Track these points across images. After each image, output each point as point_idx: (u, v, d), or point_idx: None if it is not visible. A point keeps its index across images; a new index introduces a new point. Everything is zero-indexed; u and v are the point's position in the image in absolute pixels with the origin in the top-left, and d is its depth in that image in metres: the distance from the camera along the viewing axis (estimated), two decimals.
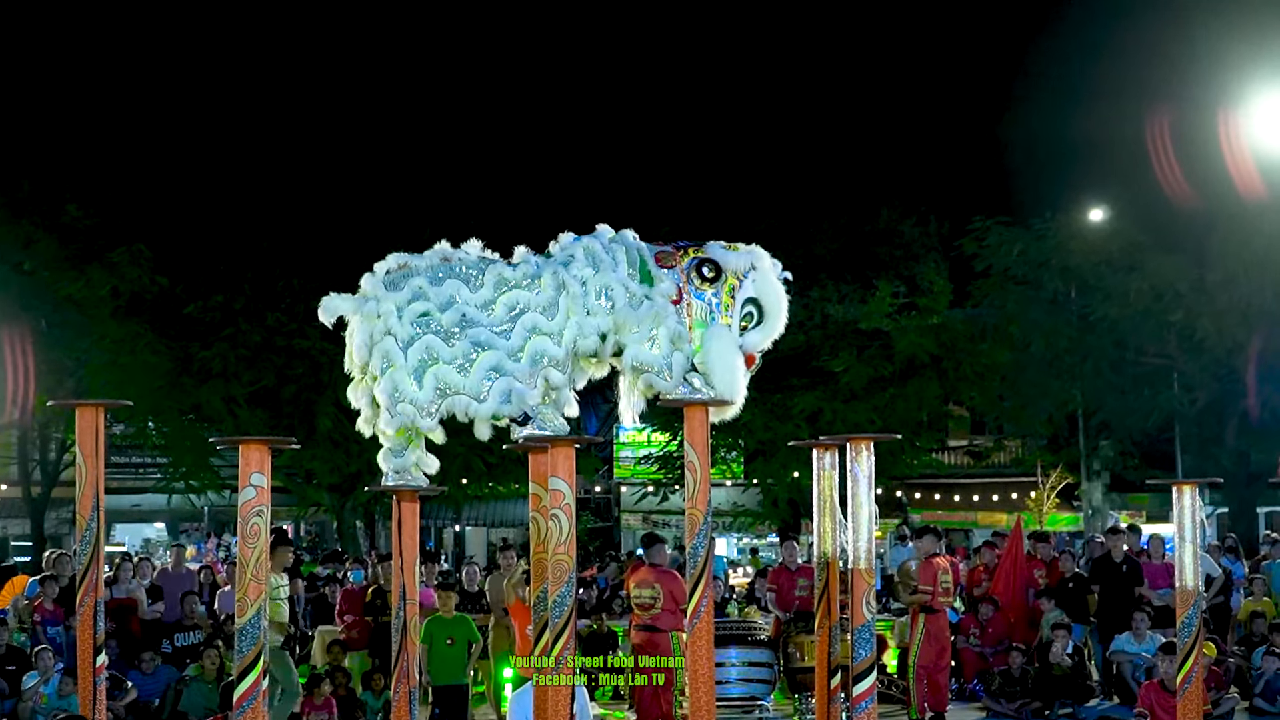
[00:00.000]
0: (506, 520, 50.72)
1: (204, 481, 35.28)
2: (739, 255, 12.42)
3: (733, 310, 12.33)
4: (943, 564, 21.29)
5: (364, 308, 11.93)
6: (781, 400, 37.00)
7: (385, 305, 11.87)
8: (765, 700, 21.24)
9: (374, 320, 11.88)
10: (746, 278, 12.41)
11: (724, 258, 12.36)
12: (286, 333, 33.04)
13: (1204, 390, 38.17)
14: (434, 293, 11.90)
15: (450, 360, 11.79)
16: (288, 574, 22.81)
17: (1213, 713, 20.01)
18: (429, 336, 11.79)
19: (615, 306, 12.08)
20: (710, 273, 12.27)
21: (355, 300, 12.04)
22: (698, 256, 12.35)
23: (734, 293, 12.33)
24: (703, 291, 12.24)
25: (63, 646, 20.86)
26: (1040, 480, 47.86)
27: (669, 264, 12.31)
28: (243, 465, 10.37)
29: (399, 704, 12.41)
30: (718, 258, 12.36)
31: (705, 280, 12.25)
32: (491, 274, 12.00)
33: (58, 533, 44.66)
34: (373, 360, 11.86)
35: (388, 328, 11.83)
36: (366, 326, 11.91)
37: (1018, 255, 37.98)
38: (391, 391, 11.77)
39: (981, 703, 22.45)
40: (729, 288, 12.31)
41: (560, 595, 10.88)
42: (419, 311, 11.85)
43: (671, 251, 12.39)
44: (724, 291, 12.29)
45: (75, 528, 11.67)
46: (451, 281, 11.94)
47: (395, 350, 11.79)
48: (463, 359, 11.80)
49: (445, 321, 11.84)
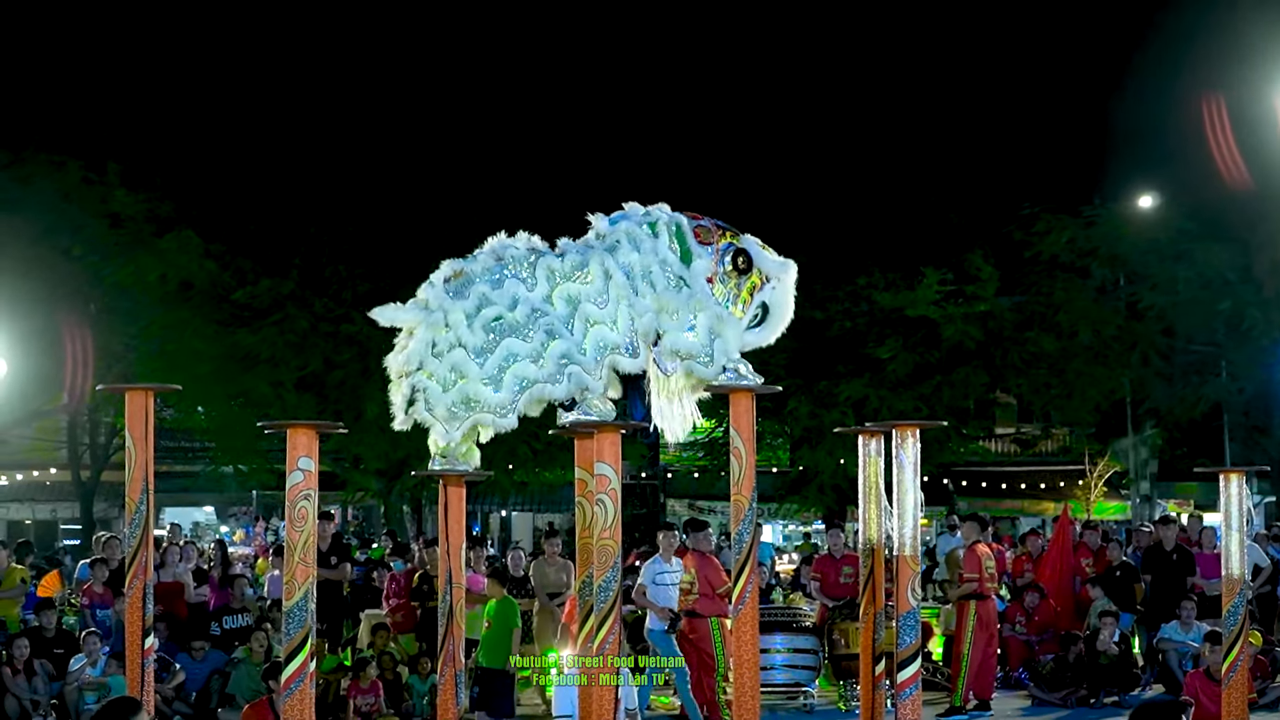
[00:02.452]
0: (552, 505, 50.78)
1: (252, 465, 35.39)
2: (773, 262, 12.42)
3: (748, 308, 12.34)
4: (987, 551, 21.27)
5: (430, 318, 11.88)
6: (827, 387, 36.99)
7: (454, 315, 11.82)
8: (810, 687, 21.27)
9: (441, 330, 11.83)
10: (769, 283, 12.40)
11: (760, 256, 12.37)
12: (334, 318, 33.13)
13: (1251, 379, 37.98)
14: (497, 295, 11.90)
15: (529, 356, 11.80)
16: (336, 558, 23.01)
17: (1258, 701, 19.95)
18: (508, 340, 11.79)
19: (656, 289, 12.10)
20: (743, 264, 12.27)
21: (419, 311, 11.96)
22: (734, 244, 12.34)
23: (754, 291, 12.34)
24: (728, 278, 12.24)
25: (112, 629, 20.99)
26: (1088, 469, 47.71)
27: (707, 240, 12.32)
28: (290, 449, 10.41)
29: (445, 687, 12.45)
30: (754, 254, 12.36)
31: (736, 271, 12.27)
32: (542, 268, 12.00)
33: (107, 516, 44.88)
34: (437, 368, 11.80)
35: (458, 339, 11.79)
36: (429, 335, 11.86)
37: (1066, 243, 37.80)
38: (463, 401, 11.76)
39: (1026, 690, 22.42)
40: (750, 285, 12.30)
41: (605, 581, 10.90)
42: (491, 317, 11.83)
43: (710, 229, 12.39)
44: (745, 287, 12.29)
45: (124, 511, 11.73)
46: (510, 282, 11.94)
47: (467, 361, 11.77)
48: (539, 351, 11.82)
49: (519, 318, 11.84)
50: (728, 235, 12.40)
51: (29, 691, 20.16)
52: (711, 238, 12.33)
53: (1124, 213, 38.97)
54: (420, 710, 20.25)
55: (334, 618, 22.69)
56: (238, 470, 35.55)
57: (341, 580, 23.65)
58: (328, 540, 22.73)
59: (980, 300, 37.62)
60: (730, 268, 12.25)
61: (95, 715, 8.97)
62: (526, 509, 53.55)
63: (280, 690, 10.16)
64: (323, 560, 20.82)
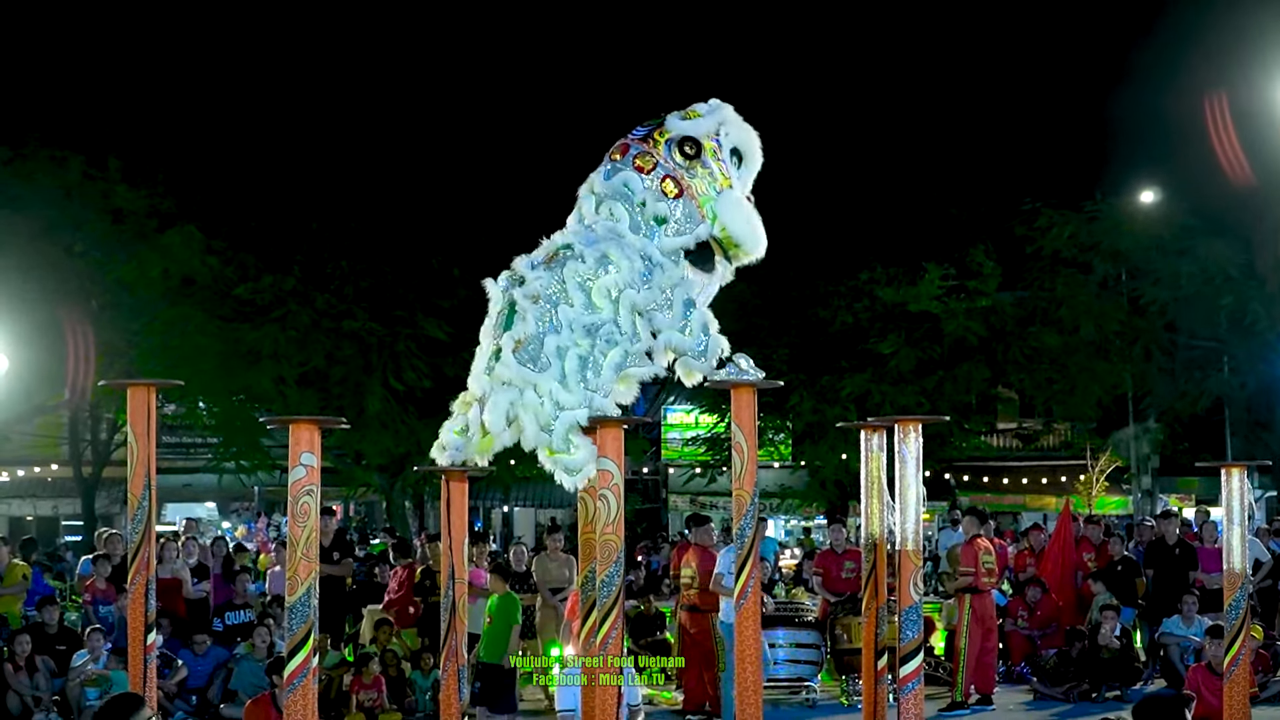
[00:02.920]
0: (554, 500, 50.82)
1: (254, 461, 35.40)
2: (704, 120, 12.22)
3: (726, 169, 12.23)
4: (986, 545, 21.30)
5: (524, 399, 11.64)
6: (830, 382, 37.04)
7: (542, 385, 11.56)
8: (812, 681, 21.29)
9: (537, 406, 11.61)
10: (720, 135, 12.26)
11: (694, 128, 12.20)
12: (335, 314, 33.12)
13: (1254, 374, 38.03)
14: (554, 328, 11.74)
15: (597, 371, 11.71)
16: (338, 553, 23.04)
17: (1260, 696, 19.98)
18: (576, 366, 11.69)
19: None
20: (691, 150, 12.11)
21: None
22: (669, 139, 12.20)
23: (717, 155, 12.19)
24: (694, 169, 12.14)
25: (114, 625, 21.01)
26: (1089, 463, 47.74)
27: (650, 166, 12.19)
28: (293, 445, 10.38)
29: (448, 682, 12.45)
30: (689, 132, 12.21)
31: (690, 158, 12.11)
32: (570, 276, 11.81)
33: (109, 512, 44.90)
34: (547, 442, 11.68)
35: (556, 400, 11.66)
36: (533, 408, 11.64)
37: (1068, 238, 37.83)
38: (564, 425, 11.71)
39: (1029, 685, 22.44)
40: (710, 152, 12.16)
41: (608, 575, 10.87)
42: (575, 367, 11.67)
43: (645, 150, 12.22)
44: (711, 159, 12.17)
45: (126, 507, 11.72)
46: (561, 309, 11.72)
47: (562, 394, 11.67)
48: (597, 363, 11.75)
49: (585, 346, 11.74)
50: (658, 136, 12.25)
51: (30, 688, 20.18)
52: (653, 158, 12.17)
53: (1126, 208, 39.01)
54: (423, 705, 20.28)
55: (337, 613, 22.71)
56: (240, 466, 35.54)
57: (344, 576, 23.68)
58: (330, 536, 22.78)
59: (982, 295, 37.70)
60: (686, 159, 12.14)
61: (98, 711, 8.96)
62: (529, 504, 53.59)
63: (283, 686, 10.14)
64: (325, 556, 20.84)
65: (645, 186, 12.06)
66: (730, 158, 12.33)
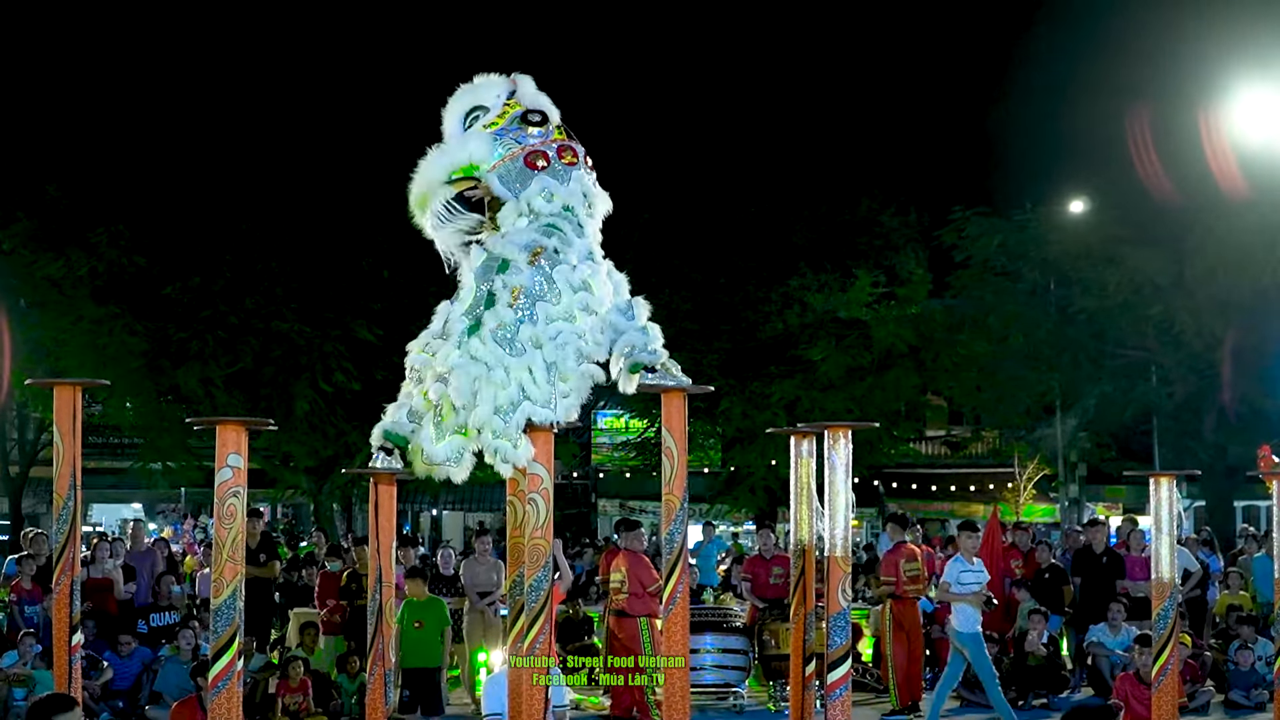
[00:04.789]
0: (483, 504, 50.75)
1: (180, 462, 35.22)
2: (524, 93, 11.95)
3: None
4: (911, 552, 21.37)
5: (491, 375, 11.25)
6: (759, 388, 37.05)
7: (515, 372, 11.24)
8: (739, 687, 21.30)
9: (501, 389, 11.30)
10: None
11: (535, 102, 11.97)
12: (264, 315, 32.96)
13: (1182, 384, 38.28)
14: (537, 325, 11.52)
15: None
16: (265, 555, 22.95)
17: (1188, 705, 20.08)
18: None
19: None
20: (536, 118, 11.77)
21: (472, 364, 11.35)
22: (511, 112, 11.84)
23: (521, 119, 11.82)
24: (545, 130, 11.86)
25: (39, 625, 20.92)
26: (1017, 471, 47.98)
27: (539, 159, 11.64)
28: (220, 446, 10.32)
29: (374, 686, 12.42)
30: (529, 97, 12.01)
31: (529, 124, 11.76)
32: (560, 277, 11.57)
33: (35, 512, 44.62)
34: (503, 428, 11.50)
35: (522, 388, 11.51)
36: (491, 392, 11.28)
37: (997, 246, 38.05)
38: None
39: (956, 692, 22.49)
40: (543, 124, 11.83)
41: (536, 580, 10.85)
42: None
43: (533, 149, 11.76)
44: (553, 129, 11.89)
45: (52, 507, 11.64)
46: (540, 305, 11.31)
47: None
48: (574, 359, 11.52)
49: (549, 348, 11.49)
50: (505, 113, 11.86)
51: None
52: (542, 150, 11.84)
53: (1055, 217, 39.25)
54: (349, 709, 20.21)
55: (263, 616, 22.62)
56: (166, 467, 35.36)
57: (270, 578, 23.59)
58: (256, 538, 22.70)
59: (912, 303, 37.81)
60: (530, 125, 11.95)
61: (28, 711, 8.90)
62: (457, 508, 53.52)
63: (208, 688, 10.08)
64: (251, 558, 20.76)
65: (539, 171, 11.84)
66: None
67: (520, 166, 11.64)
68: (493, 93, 11.94)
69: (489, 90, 11.93)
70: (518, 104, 11.87)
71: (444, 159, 11.75)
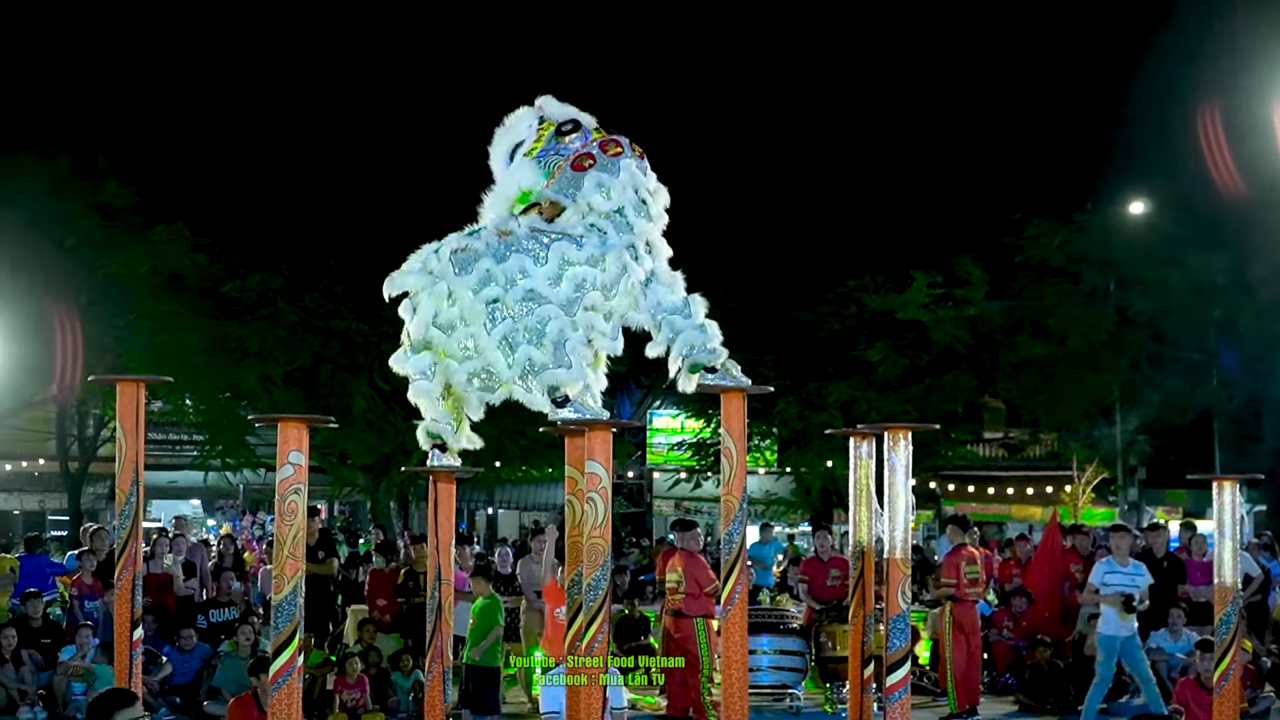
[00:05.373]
0: (539, 503, 50.84)
1: (240, 459, 35.35)
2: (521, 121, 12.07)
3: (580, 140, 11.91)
4: (971, 555, 21.27)
5: (434, 288, 11.63)
6: (816, 389, 37.01)
7: (459, 290, 11.48)
8: (796, 689, 21.29)
9: (442, 302, 11.58)
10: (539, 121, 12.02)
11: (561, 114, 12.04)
12: (323, 313, 33.11)
13: (1242, 386, 38.03)
14: (501, 271, 11.52)
15: (530, 341, 11.49)
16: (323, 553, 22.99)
17: (1249, 710, 19.95)
18: (506, 321, 11.51)
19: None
20: (569, 126, 11.90)
21: (425, 278, 11.65)
22: (548, 133, 11.91)
23: (561, 132, 11.92)
24: (583, 134, 11.97)
25: (99, 620, 21.01)
26: (1076, 474, 47.74)
27: (585, 160, 11.76)
28: (281, 443, 10.33)
29: (433, 683, 12.41)
30: (556, 113, 12.02)
31: (561, 133, 11.90)
32: (555, 251, 11.67)
33: (94, 508, 44.88)
34: (445, 344, 11.57)
35: (462, 314, 11.54)
36: (432, 306, 11.58)
37: (1057, 247, 37.85)
38: (485, 372, 11.52)
39: (1014, 696, 22.41)
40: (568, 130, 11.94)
41: (595, 579, 10.80)
42: (490, 298, 11.49)
43: (566, 156, 11.95)
44: (590, 130, 11.96)
45: (113, 503, 11.70)
46: (516, 256, 11.48)
47: (481, 334, 11.51)
48: (538, 336, 11.49)
49: (510, 302, 11.51)
50: (541, 135, 12.00)
51: (16, 680, 20.24)
52: (561, 159, 11.94)
53: (1116, 218, 39.02)
54: (405, 706, 20.25)
55: (321, 613, 22.68)
56: (225, 464, 35.50)
57: (328, 575, 23.65)
58: (315, 535, 22.75)
59: (970, 304, 37.64)
60: (563, 136, 12.02)
61: (89, 705, 8.93)
62: (513, 507, 53.62)
63: (268, 685, 10.10)
64: (310, 555, 20.82)
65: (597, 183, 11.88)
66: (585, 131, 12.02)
67: (570, 173, 11.73)
68: (524, 124, 12.09)
69: (520, 124, 12.07)
70: (550, 124, 11.95)
71: (499, 199, 11.92)
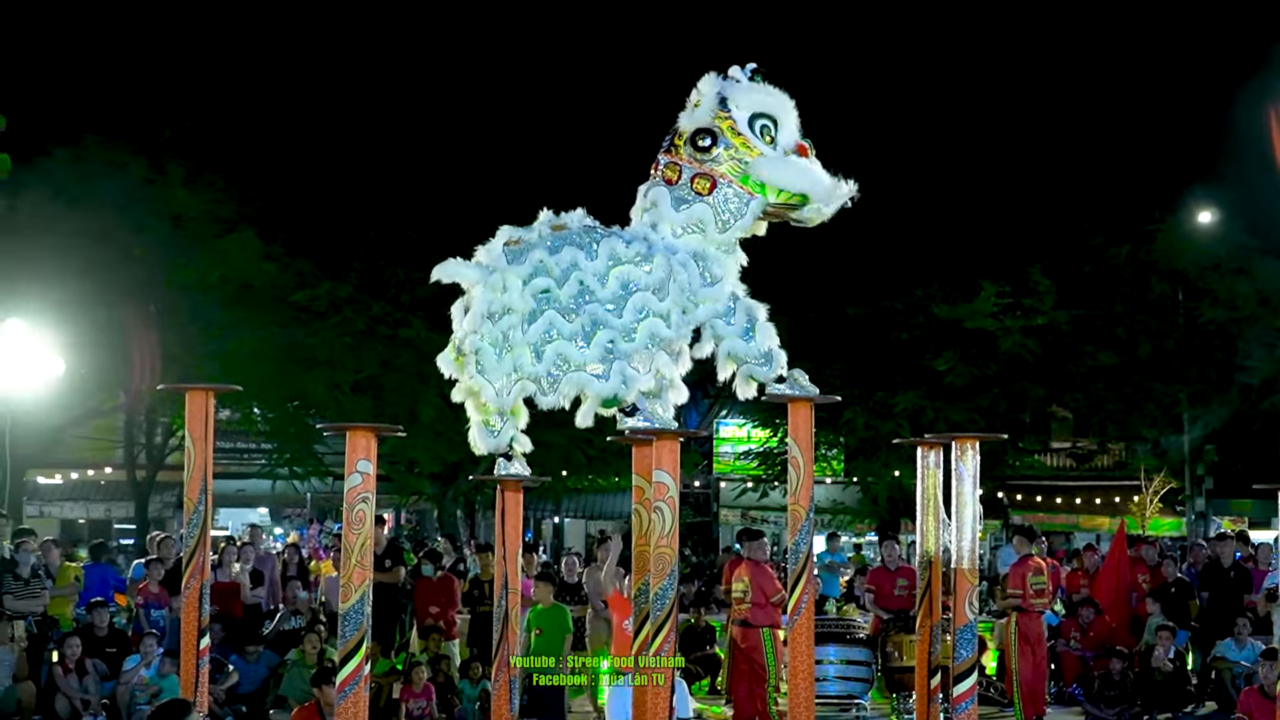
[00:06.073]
0: (605, 513, 50.87)
1: (307, 467, 35.48)
2: (704, 105, 11.87)
3: (752, 139, 11.79)
4: (1038, 565, 21.18)
5: (489, 278, 11.69)
6: (883, 399, 36.92)
7: (510, 279, 11.50)
8: (863, 699, 21.24)
9: (497, 292, 11.55)
10: (728, 109, 11.83)
11: (700, 118, 11.82)
12: (391, 322, 33.20)
13: None
14: (554, 262, 11.47)
15: (570, 336, 11.42)
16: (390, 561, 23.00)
17: None
18: (550, 312, 11.42)
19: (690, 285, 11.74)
20: (704, 140, 11.77)
21: (479, 270, 11.66)
22: (686, 139, 11.83)
23: (735, 130, 11.78)
24: (716, 155, 11.75)
25: (165, 629, 21.06)
26: (1143, 484, 47.47)
27: (675, 174, 11.83)
28: (349, 452, 10.38)
29: (499, 692, 12.44)
30: (698, 124, 11.90)
31: (706, 148, 11.76)
32: (605, 247, 11.72)
33: (161, 516, 45.05)
34: (490, 331, 11.63)
35: (508, 304, 11.55)
36: (488, 296, 11.54)
37: (1125, 257, 37.71)
38: (510, 371, 11.54)
39: (1080, 706, 22.32)
40: (728, 130, 11.78)
41: (662, 589, 10.81)
42: (540, 288, 11.45)
43: (671, 161, 11.88)
44: (730, 137, 11.78)
45: (180, 511, 11.78)
46: (569, 249, 11.56)
47: (516, 328, 11.54)
48: (581, 336, 11.53)
49: (564, 296, 11.43)
50: (677, 144, 11.90)
51: (79, 690, 20.24)
52: (674, 168, 11.85)
53: (1184, 227, 38.83)
54: (470, 715, 20.27)
55: (388, 621, 22.72)
56: (293, 472, 35.63)
57: (395, 584, 23.69)
58: (382, 544, 22.77)
59: (1038, 313, 37.47)
60: (703, 151, 11.80)
61: (150, 717, 8.99)
62: (579, 516, 53.67)
63: (335, 693, 10.15)
64: (377, 564, 20.87)
65: (676, 196, 11.85)
66: (753, 126, 11.88)
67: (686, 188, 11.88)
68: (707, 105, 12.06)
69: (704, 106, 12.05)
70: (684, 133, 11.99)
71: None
